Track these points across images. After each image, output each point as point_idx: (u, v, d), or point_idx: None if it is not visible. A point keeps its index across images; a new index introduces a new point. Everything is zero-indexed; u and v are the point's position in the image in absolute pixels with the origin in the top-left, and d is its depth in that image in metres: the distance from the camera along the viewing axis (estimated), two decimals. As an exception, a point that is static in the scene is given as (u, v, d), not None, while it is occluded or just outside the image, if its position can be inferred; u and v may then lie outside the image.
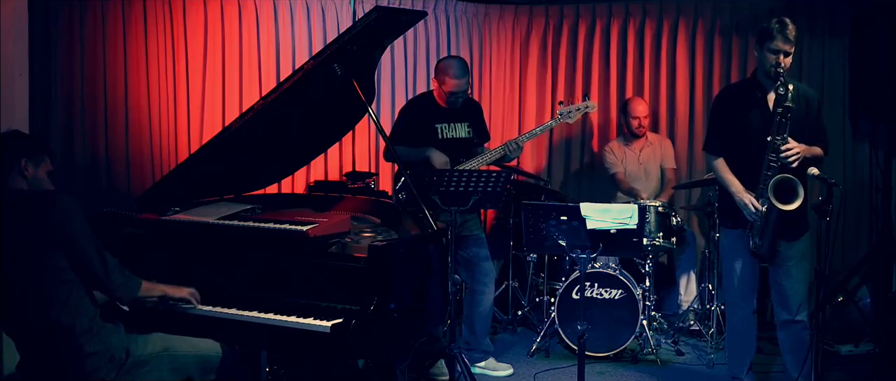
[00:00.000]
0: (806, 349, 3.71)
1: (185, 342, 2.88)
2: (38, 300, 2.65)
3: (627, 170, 5.45)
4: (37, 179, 2.75)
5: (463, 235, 4.31)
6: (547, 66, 5.98)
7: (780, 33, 3.55)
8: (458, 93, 4.28)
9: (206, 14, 5.02)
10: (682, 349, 4.85)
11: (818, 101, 3.78)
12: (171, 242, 3.28)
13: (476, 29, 5.89)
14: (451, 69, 4.26)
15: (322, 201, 3.73)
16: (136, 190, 4.73)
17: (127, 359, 2.75)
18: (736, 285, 3.83)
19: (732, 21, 5.68)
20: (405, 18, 3.59)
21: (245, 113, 3.32)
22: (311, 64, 3.22)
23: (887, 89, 5.03)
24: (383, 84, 5.47)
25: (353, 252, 3.02)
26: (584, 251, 3.45)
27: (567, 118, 4.50)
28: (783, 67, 3.56)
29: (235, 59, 5.11)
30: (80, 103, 4.70)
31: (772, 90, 3.63)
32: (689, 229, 5.46)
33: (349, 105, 3.50)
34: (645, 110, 5.42)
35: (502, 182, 3.84)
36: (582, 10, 5.90)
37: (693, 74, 5.77)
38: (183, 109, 5.00)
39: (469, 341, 4.44)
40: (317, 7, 5.33)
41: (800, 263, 3.74)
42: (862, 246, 5.50)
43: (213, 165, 3.41)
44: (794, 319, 3.74)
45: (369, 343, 2.85)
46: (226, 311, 2.95)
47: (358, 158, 5.49)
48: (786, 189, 3.52)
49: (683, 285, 5.40)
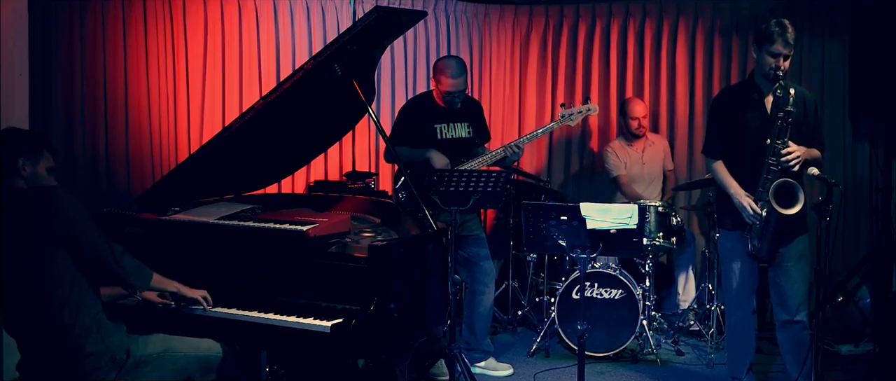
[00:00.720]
0: (806, 349, 3.71)
1: (185, 343, 2.88)
2: (39, 300, 2.65)
3: (630, 171, 5.44)
4: (36, 176, 2.74)
5: (463, 235, 4.31)
6: (547, 66, 5.98)
7: (780, 37, 3.56)
8: (456, 92, 4.28)
9: (206, 14, 5.02)
10: (682, 349, 4.85)
11: (815, 103, 3.79)
12: (171, 242, 3.28)
13: (476, 29, 5.89)
14: (448, 69, 4.25)
15: (322, 201, 3.73)
16: (136, 190, 4.73)
17: (127, 359, 2.75)
18: (735, 287, 3.83)
19: (732, 21, 5.67)
20: (405, 18, 3.59)
21: (245, 113, 3.32)
22: (311, 64, 3.23)
23: (887, 89, 5.03)
24: (383, 84, 5.47)
25: (353, 252, 3.02)
26: (584, 251, 3.45)
27: (568, 121, 4.49)
28: (782, 70, 3.57)
29: (235, 60, 5.11)
30: (80, 103, 4.70)
31: (769, 92, 3.64)
32: (688, 229, 5.46)
33: (349, 105, 3.50)
34: (643, 111, 5.42)
35: (502, 182, 3.84)
36: (582, 10, 5.90)
37: (693, 74, 5.77)
38: (183, 109, 5.00)
39: (469, 341, 4.44)
40: (317, 7, 5.32)
41: (799, 263, 3.74)
42: (862, 246, 5.50)
43: (213, 165, 3.42)
44: (793, 319, 3.74)
45: (369, 343, 2.85)
46: (226, 311, 2.95)
47: (358, 158, 5.49)
48: (786, 193, 3.52)
49: (683, 285, 5.40)
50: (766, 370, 4.44)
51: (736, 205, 3.68)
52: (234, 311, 2.95)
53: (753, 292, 3.84)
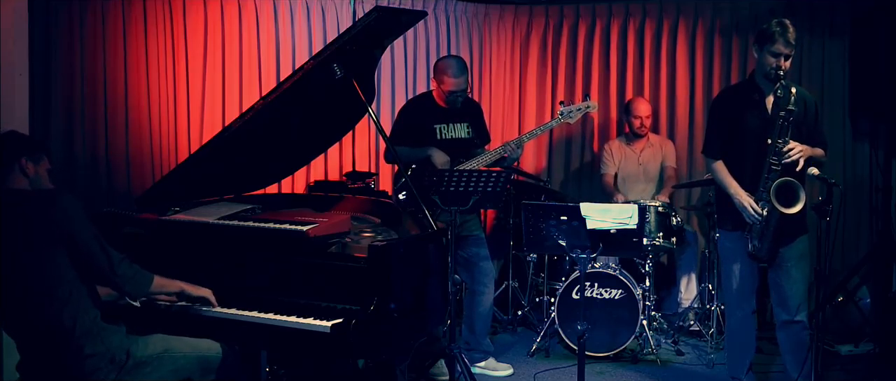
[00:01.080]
0: (805, 349, 3.71)
1: (185, 344, 2.88)
2: (39, 300, 2.65)
3: (626, 170, 5.45)
4: (38, 176, 2.76)
5: (462, 235, 4.31)
6: (547, 66, 5.98)
7: (781, 37, 3.56)
8: (457, 92, 4.28)
9: (206, 14, 5.02)
10: (682, 349, 4.85)
11: (815, 103, 3.79)
12: (171, 242, 3.28)
13: (476, 29, 5.89)
14: (450, 69, 4.25)
15: (322, 201, 3.73)
16: (136, 190, 4.73)
17: (127, 360, 2.74)
18: (735, 287, 3.83)
19: (732, 21, 5.67)
20: (405, 18, 3.59)
21: (245, 113, 3.32)
22: (311, 64, 3.22)
23: (887, 89, 5.02)
24: (383, 84, 5.47)
25: (353, 252, 3.02)
26: (584, 251, 3.45)
27: (568, 118, 4.50)
28: (783, 70, 3.57)
29: (235, 60, 5.11)
30: (80, 103, 4.70)
31: (770, 93, 3.64)
32: (689, 228, 5.46)
33: (349, 105, 3.50)
34: (647, 110, 5.42)
35: (502, 182, 3.84)
36: (582, 10, 5.90)
37: (693, 74, 5.77)
38: (183, 109, 5.00)
39: (469, 341, 4.44)
40: (317, 7, 5.32)
41: (799, 263, 3.74)
42: (862, 246, 5.50)
43: (213, 165, 3.41)
44: (793, 319, 3.74)
45: (369, 343, 2.85)
46: (226, 311, 2.95)
47: (358, 158, 5.49)
48: (787, 192, 3.52)
49: (683, 285, 5.40)
50: (767, 370, 4.44)
51: (736, 205, 3.68)
52: (234, 311, 2.94)
53: (753, 293, 3.84)
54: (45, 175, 2.78)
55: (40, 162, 2.77)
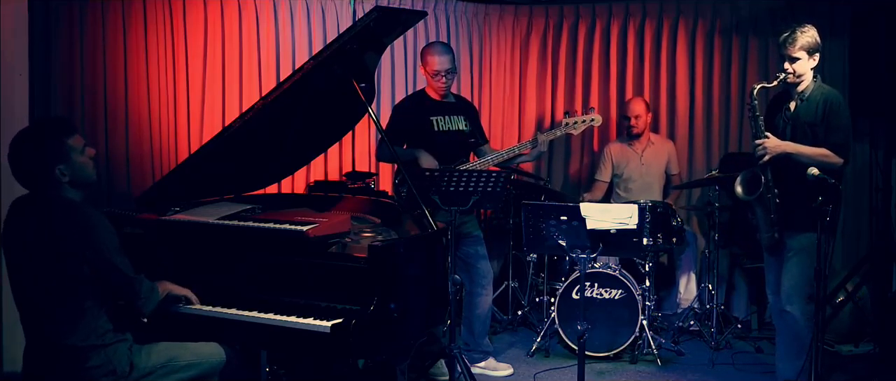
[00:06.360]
0: (799, 343, 3.72)
1: (188, 352, 2.87)
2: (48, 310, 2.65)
3: (628, 172, 5.45)
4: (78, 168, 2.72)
5: (461, 235, 4.31)
6: (547, 66, 5.98)
7: (783, 44, 3.71)
8: (443, 71, 4.27)
9: (206, 14, 5.02)
10: (682, 349, 4.85)
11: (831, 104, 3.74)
12: (171, 242, 3.28)
13: (476, 29, 5.89)
14: (433, 48, 4.29)
15: (322, 201, 3.73)
16: (136, 190, 4.72)
17: (131, 371, 2.74)
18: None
19: (732, 21, 5.68)
20: (405, 18, 3.59)
21: (245, 113, 3.32)
22: (311, 64, 3.22)
23: (887, 89, 5.02)
24: (383, 84, 5.47)
25: (353, 252, 3.02)
26: (584, 251, 3.45)
27: (571, 129, 4.47)
28: (793, 73, 3.70)
29: (235, 60, 5.11)
30: (81, 103, 4.70)
31: (794, 97, 3.80)
32: (689, 229, 5.46)
33: (349, 105, 3.50)
34: (639, 110, 5.42)
35: (502, 182, 3.83)
36: (582, 10, 5.90)
37: (693, 74, 5.77)
38: (183, 109, 5.00)
39: (468, 341, 4.44)
40: (317, 7, 5.33)
41: (798, 255, 3.76)
42: (862, 246, 5.50)
43: (213, 165, 3.41)
44: (783, 308, 3.79)
45: (369, 343, 2.85)
46: (226, 311, 2.95)
47: (358, 158, 5.49)
48: (752, 182, 3.72)
49: (683, 285, 5.40)
50: (769, 370, 4.44)
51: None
52: (234, 311, 2.94)
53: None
54: (88, 159, 2.77)
55: (72, 154, 2.72)
